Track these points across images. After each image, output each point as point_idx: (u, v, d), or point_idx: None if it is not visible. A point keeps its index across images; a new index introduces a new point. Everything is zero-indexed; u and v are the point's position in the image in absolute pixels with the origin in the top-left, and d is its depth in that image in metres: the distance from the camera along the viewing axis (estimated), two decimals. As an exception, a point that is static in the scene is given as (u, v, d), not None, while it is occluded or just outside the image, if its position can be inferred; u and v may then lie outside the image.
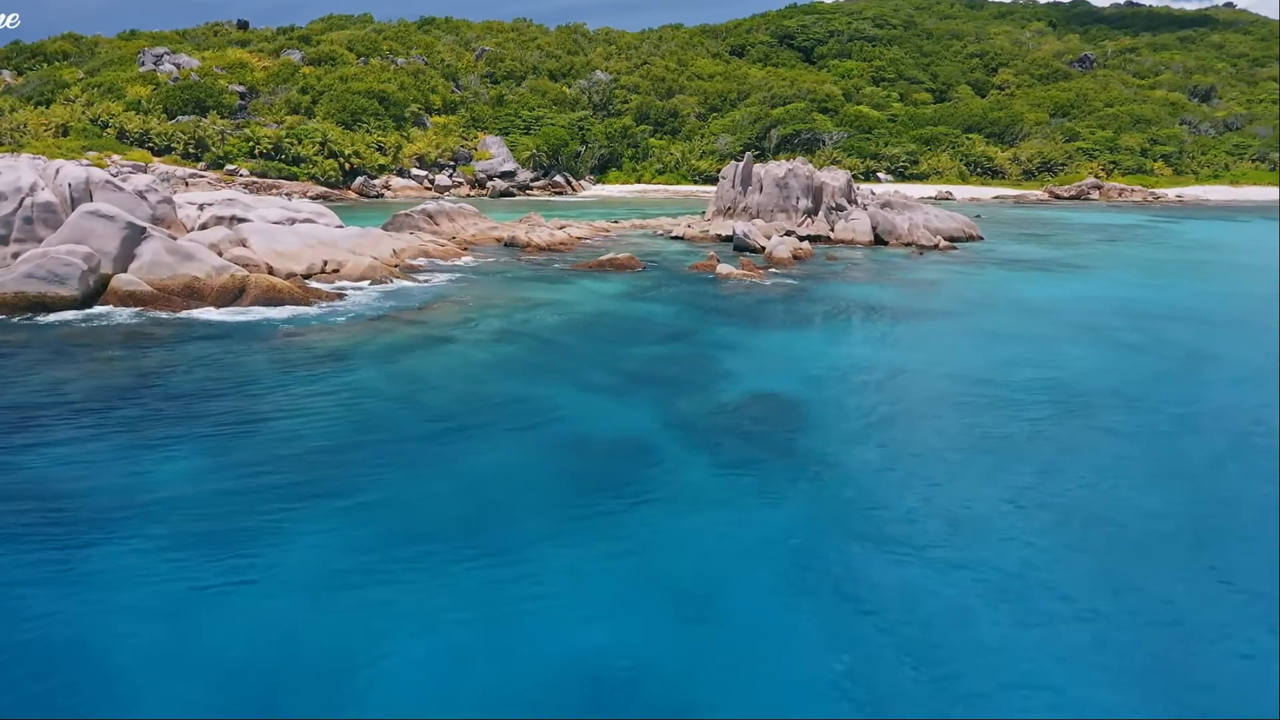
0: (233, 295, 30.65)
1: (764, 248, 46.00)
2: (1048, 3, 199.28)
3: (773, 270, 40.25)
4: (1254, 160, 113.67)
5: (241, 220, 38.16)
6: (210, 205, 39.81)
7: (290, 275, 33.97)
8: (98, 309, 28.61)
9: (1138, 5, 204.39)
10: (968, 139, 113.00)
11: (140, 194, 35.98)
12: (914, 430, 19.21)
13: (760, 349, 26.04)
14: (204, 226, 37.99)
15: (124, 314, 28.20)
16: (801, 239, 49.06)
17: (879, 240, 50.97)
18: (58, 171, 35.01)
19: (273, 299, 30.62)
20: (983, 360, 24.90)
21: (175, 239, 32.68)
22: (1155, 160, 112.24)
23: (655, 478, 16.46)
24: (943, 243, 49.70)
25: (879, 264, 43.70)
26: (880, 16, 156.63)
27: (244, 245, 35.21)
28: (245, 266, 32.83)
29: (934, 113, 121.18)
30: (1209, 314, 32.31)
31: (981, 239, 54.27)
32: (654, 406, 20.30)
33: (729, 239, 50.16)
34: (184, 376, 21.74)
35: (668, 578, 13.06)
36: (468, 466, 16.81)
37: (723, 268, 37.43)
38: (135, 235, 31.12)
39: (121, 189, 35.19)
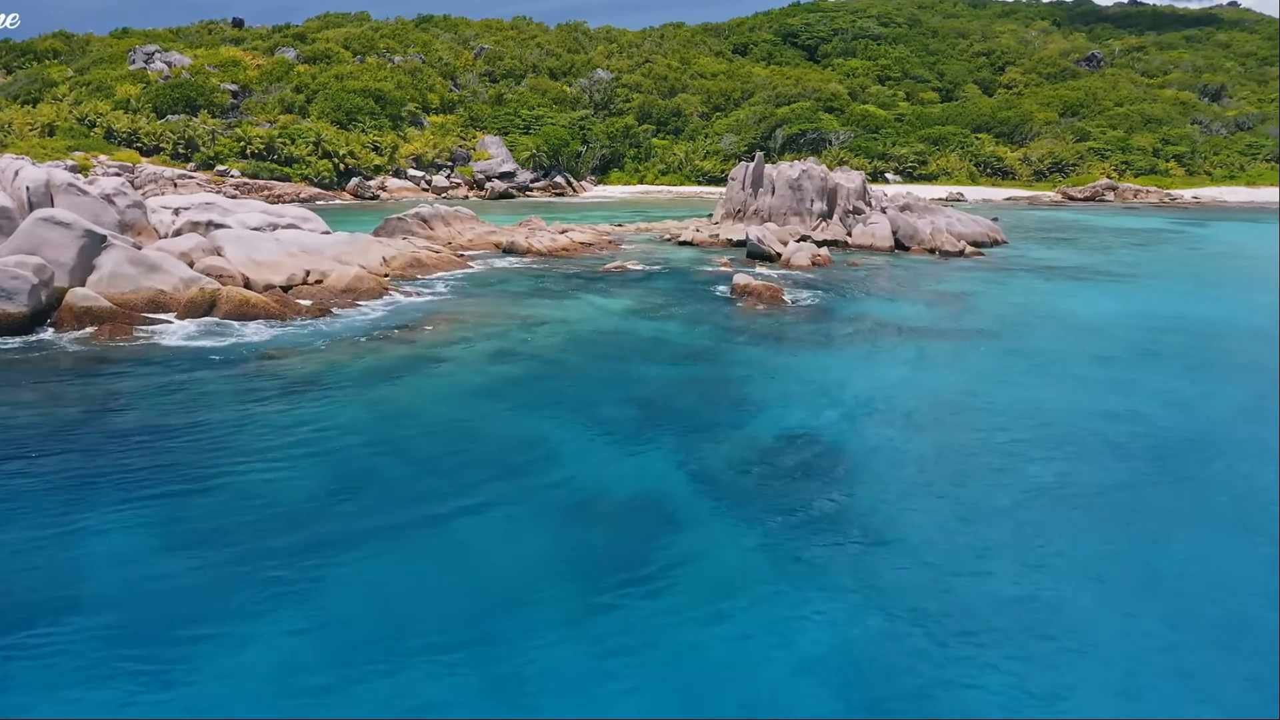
0: (202, 311, 27.48)
1: (780, 254, 42.89)
2: (1051, 1, 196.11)
3: (792, 279, 37.11)
4: (1268, 160, 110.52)
5: (218, 226, 34.98)
6: (186, 210, 36.63)
7: (268, 287, 30.80)
8: (46, 332, 25.44)
9: (1141, 4, 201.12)
10: (977, 139, 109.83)
11: (107, 198, 32.84)
12: (980, 485, 16.08)
13: (790, 376, 22.90)
14: (178, 233, 34.81)
15: (75, 335, 25.03)
16: (818, 244, 45.93)
17: (899, 245, 47.81)
18: (16, 174, 31.87)
19: (246, 315, 27.45)
20: (1042, 391, 21.75)
21: (140, 248, 29.52)
22: (1168, 161, 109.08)
23: (679, 550, 13.36)
24: (968, 248, 46.56)
25: (905, 272, 40.52)
26: (884, 15, 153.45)
27: (218, 254, 32.03)
28: (218, 278, 29.68)
29: (941, 112, 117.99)
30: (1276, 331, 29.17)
31: (1006, 243, 51.15)
32: (674, 452, 17.18)
33: (741, 244, 47.03)
34: (133, 416, 18.57)
35: (698, 690, 10.21)
36: (457, 537, 13.72)
37: (739, 277, 34.29)
38: (94, 244, 27.96)
39: (86, 193, 32.04)
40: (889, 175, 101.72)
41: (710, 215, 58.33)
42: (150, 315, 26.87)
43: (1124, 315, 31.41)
